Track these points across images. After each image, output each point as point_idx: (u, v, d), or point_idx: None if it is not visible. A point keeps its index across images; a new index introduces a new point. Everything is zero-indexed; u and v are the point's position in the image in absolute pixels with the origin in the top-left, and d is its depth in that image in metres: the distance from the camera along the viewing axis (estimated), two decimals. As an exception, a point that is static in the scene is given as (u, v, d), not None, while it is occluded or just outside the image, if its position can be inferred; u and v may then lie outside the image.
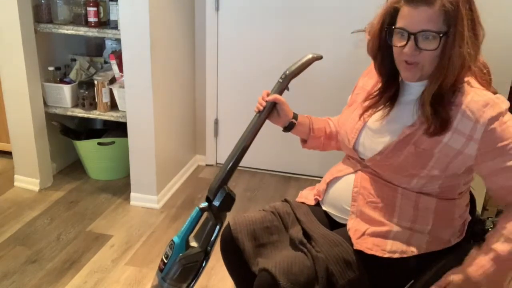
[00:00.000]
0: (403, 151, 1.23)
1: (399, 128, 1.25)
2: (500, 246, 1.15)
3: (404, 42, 1.16)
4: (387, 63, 1.27)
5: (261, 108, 1.41)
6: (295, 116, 1.49)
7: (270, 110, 1.42)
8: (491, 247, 1.16)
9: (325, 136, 1.55)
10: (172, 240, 1.34)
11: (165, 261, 1.32)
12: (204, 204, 1.34)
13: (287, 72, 1.43)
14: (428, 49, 1.14)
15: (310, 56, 1.45)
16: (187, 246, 1.33)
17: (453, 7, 1.11)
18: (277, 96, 1.41)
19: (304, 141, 1.58)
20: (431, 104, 1.18)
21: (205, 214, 1.36)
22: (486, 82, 1.23)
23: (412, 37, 1.14)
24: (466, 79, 1.20)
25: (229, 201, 1.33)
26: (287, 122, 1.47)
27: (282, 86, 1.43)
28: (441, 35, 1.13)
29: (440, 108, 1.18)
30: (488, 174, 1.20)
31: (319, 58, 1.46)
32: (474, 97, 1.17)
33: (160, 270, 1.33)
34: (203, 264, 1.33)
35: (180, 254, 1.31)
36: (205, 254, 1.33)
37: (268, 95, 1.42)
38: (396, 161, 1.24)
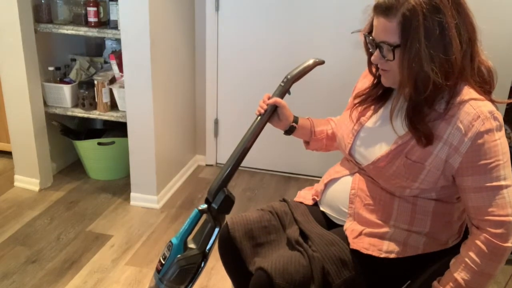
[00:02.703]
0: (395, 162, 1.22)
1: (392, 138, 1.25)
2: (461, 275, 1.16)
3: (373, 50, 1.20)
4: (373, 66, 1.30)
5: (262, 111, 1.41)
6: (296, 120, 1.49)
7: (271, 114, 1.42)
8: (453, 275, 1.17)
9: (327, 138, 1.56)
10: (170, 241, 1.33)
11: (163, 262, 1.32)
12: (203, 206, 1.34)
13: (289, 76, 1.43)
14: (389, 60, 1.16)
15: (312, 61, 1.45)
16: (185, 247, 1.33)
17: (409, 22, 1.10)
18: (277, 99, 1.41)
19: (307, 143, 1.58)
20: (407, 116, 1.19)
21: (204, 216, 1.35)
22: (484, 92, 1.19)
23: (377, 46, 1.17)
24: (465, 88, 1.17)
25: (228, 203, 1.33)
26: (288, 125, 1.48)
27: (284, 89, 1.43)
28: (392, 47, 1.14)
29: (416, 122, 1.17)
30: (463, 189, 1.18)
31: (321, 63, 1.46)
32: (468, 108, 1.14)
33: (158, 271, 1.33)
34: (201, 266, 1.32)
35: (178, 256, 1.31)
36: (203, 256, 1.32)
37: (269, 98, 1.42)
38: (388, 171, 1.24)
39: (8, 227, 2.39)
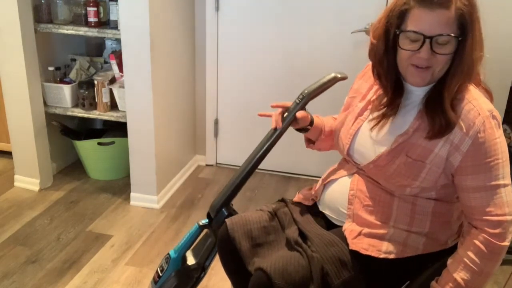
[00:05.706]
0: (395, 161, 1.22)
1: (392, 137, 1.24)
2: (460, 275, 1.16)
3: (416, 46, 1.11)
4: (392, 67, 1.22)
5: (276, 126, 1.37)
6: (312, 121, 1.45)
7: (285, 130, 1.37)
8: (452, 275, 1.17)
9: (333, 137, 1.51)
10: (168, 254, 1.32)
11: (160, 274, 1.31)
12: (204, 221, 1.32)
13: (306, 91, 1.32)
14: (443, 54, 1.11)
15: (332, 75, 1.33)
16: (184, 261, 1.31)
17: (468, 11, 1.09)
18: (296, 118, 1.37)
19: (310, 142, 1.54)
20: (432, 106, 1.18)
21: (205, 230, 1.34)
22: (484, 89, 1.21)
23: (428, 41, 1.09)
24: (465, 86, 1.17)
25: None
26: (304, 126, 1.45)
27: (299, 107, 1.34)
28: (460, 38, 1.10)
29: (440, 110, 1.16)
30: (462, 188, 1.18)
31: (344, 78, 1.35)
32: (469, 107, 1.15)
33: (155, 282, 1.33)
34: (200, 278, 1.31)
35: (176, 270, 1.29)
36: (202, 270, 1.31)
37: (283, 113, 1.37)
38: (388, 170, 1.23)
39: (8, 227, 2.39)
